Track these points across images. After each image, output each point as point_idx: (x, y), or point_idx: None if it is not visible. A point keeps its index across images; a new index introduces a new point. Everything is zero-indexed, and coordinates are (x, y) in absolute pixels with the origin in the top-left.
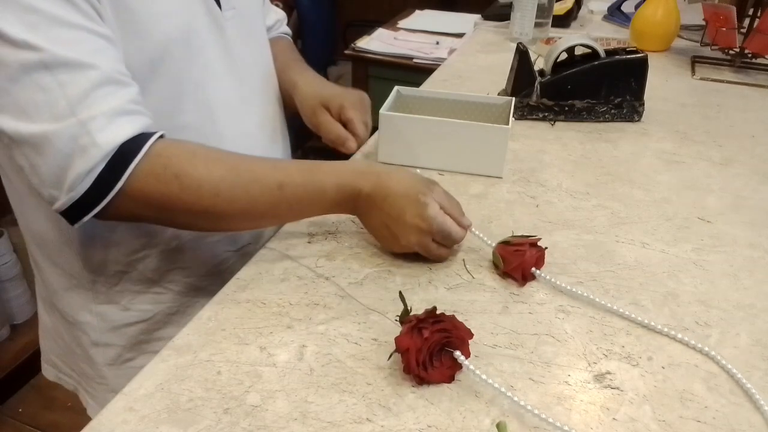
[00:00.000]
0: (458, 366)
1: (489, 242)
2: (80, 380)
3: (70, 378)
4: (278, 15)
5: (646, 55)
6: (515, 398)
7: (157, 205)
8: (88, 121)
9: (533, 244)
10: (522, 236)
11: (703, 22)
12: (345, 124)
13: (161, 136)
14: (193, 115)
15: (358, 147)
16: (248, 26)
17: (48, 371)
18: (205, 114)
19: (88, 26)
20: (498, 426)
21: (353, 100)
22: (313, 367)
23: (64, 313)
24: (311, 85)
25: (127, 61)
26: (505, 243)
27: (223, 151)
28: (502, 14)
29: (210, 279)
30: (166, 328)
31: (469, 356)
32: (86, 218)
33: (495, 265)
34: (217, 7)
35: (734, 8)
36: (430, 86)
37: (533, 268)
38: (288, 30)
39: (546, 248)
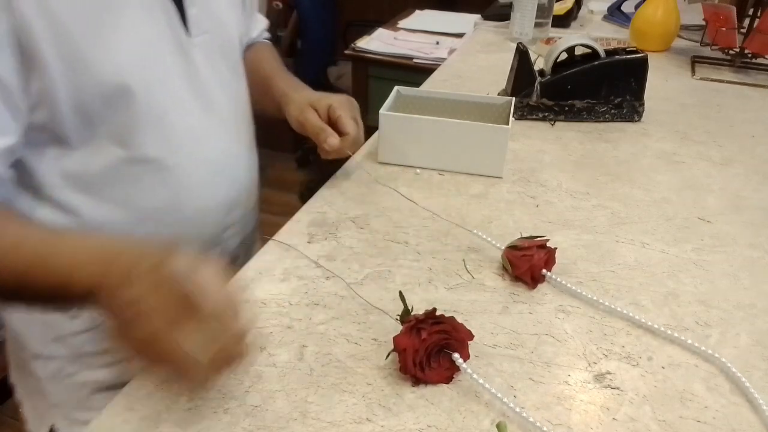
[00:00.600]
0: (457, 368)
1: (497, 245)
2: (23, 392)
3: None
4: (263, 24)
5: (646, 55)
6: (511, 404)
7: None
8: None
9: (541, 246)
10: (530, 237)
11: (703, 22)
12: (334, 123)
13: None
14: (153, 146)
15: (356, 148)
16: (221, 49)
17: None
18: (166, 144)
19: None
20: (498, 426)
21: (341, 100)
22: (313, 367)
23: (7, 327)
24: (301, 91)
25: (79, 95)
26: (512, 247)
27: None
28: (502, 14)
29: None
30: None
31: (468, 358)
32: None
33: (504, 269)
34: (184, 33)
35: (734, 8)
36: (430, 86)
37: (543, 270)
38: (269, 35)
39: (556, 248)
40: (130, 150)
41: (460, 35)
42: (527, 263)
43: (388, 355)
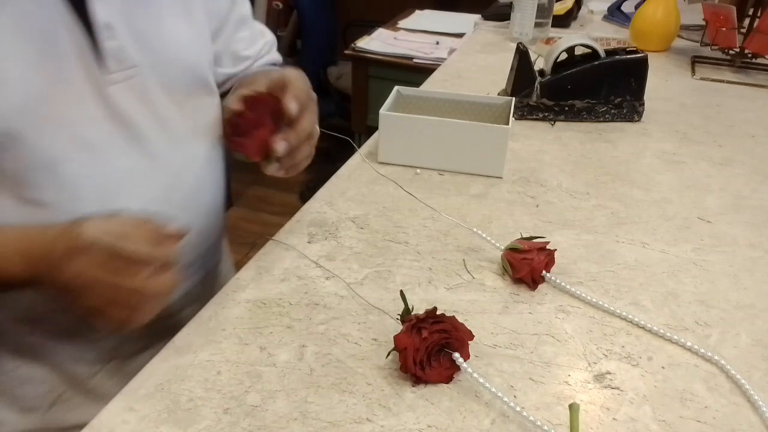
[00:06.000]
0: (457, 367)
1: (497, 245)
2: None
3: None
4: (264, 39)
5: (646, 55)
6: (511, 404)
7: None
8: None
9: (541, 249)
10: (529, 238)
11: (703, 22)
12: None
13: None
14: (49, 192)
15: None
16: (162, 82)
17: None
18: (65, 192)
19: None
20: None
21: (290, 74)
22: (313, 367)
23: None
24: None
25: None
26: (513, 249)
27: None
28: (502, 14)
29: (84, 356)
30: (27, 387)
31: (468, 357)
32: None
33: (504, 270)
34: (98, 69)
35: (734, 8)
36: (430, 86)
37: (543, 272)
38: (277, 57)
39: (555, 250)
40: (22, 193)
41: (460, 35)
42: (527, 266)
43: (389, 353)
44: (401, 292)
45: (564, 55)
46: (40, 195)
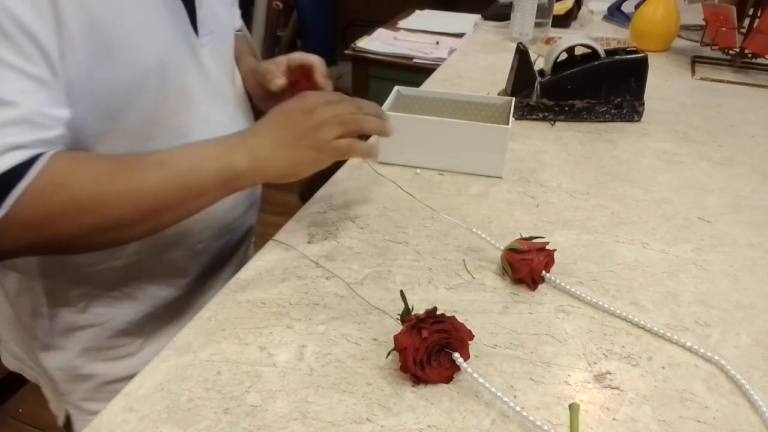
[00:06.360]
0: (457, 367)
1: (497, 245)
2: (38, 377)
3: (31, 370)
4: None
5: (646, 55)
6: (511, 404)
7: (46, 222)
8: None
9: (541, 249)
10: (529, 238)
11: (703, 22)
12: (306, 74)
13: (54, 155)
14: (165, 141)
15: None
16: (223, 49)
17: (8, 361)
18: (177, 140)
19: (22, 67)
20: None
21: (310, 55)
22: (313, 367)
23: (17, 315)
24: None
25: (103, 89)
26: (512, 250)
27: (111, 154)
28: (502, 14)
29: (172, 290)
30: (119, 337)
31: (468, 357)
32: None
33: (503, 270)
34: (194, 33)
35: (734, 8)
36: (430, 86)
37: (543, 272)
38: (242, 23)
39: (555, 250)
40: (142, 145)
41: (460, 35)
42: (527, 267)
43: (389, 354)
44: (401, 292)
45: (564, 55)
46: (152, 146)
